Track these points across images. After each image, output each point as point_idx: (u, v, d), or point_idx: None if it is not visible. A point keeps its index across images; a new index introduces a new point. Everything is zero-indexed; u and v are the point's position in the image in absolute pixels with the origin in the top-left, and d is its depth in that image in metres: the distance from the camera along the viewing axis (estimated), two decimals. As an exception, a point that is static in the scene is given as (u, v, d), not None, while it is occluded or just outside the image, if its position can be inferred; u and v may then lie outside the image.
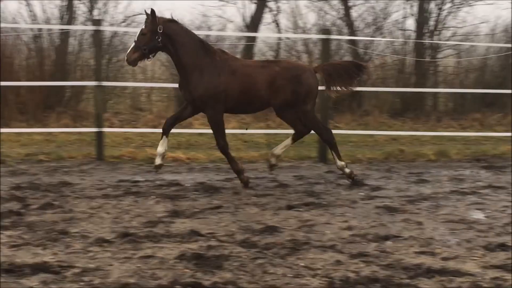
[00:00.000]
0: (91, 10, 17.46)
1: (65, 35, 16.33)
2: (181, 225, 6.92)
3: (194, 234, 6.53)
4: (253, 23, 17.96)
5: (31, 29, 16.18)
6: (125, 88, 17.02)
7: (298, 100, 9.00)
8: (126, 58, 8.93)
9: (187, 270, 5.48)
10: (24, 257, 5.74)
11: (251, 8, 18.18)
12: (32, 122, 14.43)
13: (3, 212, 7.25)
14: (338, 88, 9.35)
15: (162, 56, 17.89)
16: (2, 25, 16.07)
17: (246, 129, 13.33)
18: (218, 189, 8.78)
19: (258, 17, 18.09)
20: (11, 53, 15.81)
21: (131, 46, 8.87)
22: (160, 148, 9.05)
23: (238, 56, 16.74)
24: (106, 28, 15.28)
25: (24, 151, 11.40)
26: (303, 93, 9.02)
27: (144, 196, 8.32)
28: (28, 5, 16.98)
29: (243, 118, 15.82)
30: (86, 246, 6.12)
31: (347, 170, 9.38)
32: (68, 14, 17.17)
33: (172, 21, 8.98)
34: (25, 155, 11.16)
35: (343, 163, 9.37)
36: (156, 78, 17.61)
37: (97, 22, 11.53)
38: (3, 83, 13.68)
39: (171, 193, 8.50)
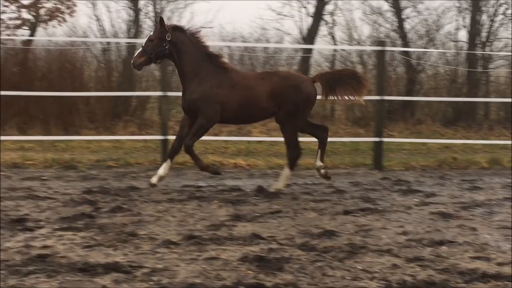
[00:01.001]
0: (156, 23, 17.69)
1: (131, 48, 16.56)
2: (243, 228, 6.95)
3: (255, 237, 6.55)
4: (310, 36, 17.97)
5: (100, 43, 16.47)
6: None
7: (298, 109, 8.86)
8: (132, 62, 8.95)
9: (250, 272, 5.50)
10: (97, 257, 5.84)
11: (308, 21, 18.21)
12: (101, 130, 14.67)
13: (76, 214, 7.39)
14: (335, 98, 9.13)
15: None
16: (74, 38, 16.46)
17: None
18: (277, 195, 8.78)
19: (315, 29, 18.09)
20: (82, 65, 16.13)
21: (138, 51, 8.91)
22: (162, 171, 8.96)
23: (295, 67, 16.79)
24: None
25: (94, 157, 11.60)
26: (303, 102, 8.88)
27: (207, 200, 8.37)
28: (98, 20, 17.35)
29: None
30: (154, 247, 6.19)
31: (322, 171, 9.26)
32: (135, 28, 17.44)
33: (180, 30, 8.96)
34: (95, 161, 11.34)
35: (322, 164, 9.25)
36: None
37: (164, 36, 11.64)
38: (77, 93, 13.99)
39: (233, 198, 8.54)
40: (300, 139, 9.15)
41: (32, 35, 17.92)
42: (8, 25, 17.96)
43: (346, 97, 9.07)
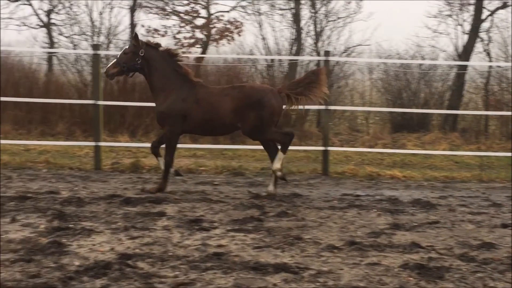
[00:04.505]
0: (316, 42, 17.86)
1: (293, 64, 16.81)
2: (402, 237, 6.87)
3: (415, 246, 6.45)
4: (465, 52, 17.42)
5: (265, 60, 16.83)
6: (344, 111, 17.19)
7: (263, 122, 8.75)
8: (105, 71, 9.14)
9: (411, 278, 5.44)
10: (267, 257, 5.98)
11: (464, 38, 17.68)
12: (264, 140, 14.93)
13: (246, 217, 7.59)
14: (303, 105, 9.07)
15: (379, 83, 17.91)
16: (241, 56, 16.94)
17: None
18: (434, 206, 8.58)
19: (470, 46, 17.53)
20: (248, 80, 16.52)
21: (113, 62, 9.07)
22: (162, 166, 9.18)
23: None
24: (333, 58, 15.45)
25: (259, 165, 11.82)
26: (268, 114, 8.75)
27: (366, 209, 8.33)
28: (263, 38, 17.76)
29: (454, 140, 15.39)
30: (319, 251, 6.26)
31: (279, 174, 8.97)
32: (297, 46, 17.69)
33: (153, 47, 9.13)
34: (260, 168, 11.56)
35: (279, 167, 8.95)
36: (373, 103, 17.62)
37: (328, 53, 11.73)
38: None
39: (391, 207, 8.45)
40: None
41: (204, 52, 18.61)
42: (183, 44, 18.78)
43: (316, 99, 9.07)
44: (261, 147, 13.34)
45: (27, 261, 5.66)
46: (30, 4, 18.81)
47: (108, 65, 9.21)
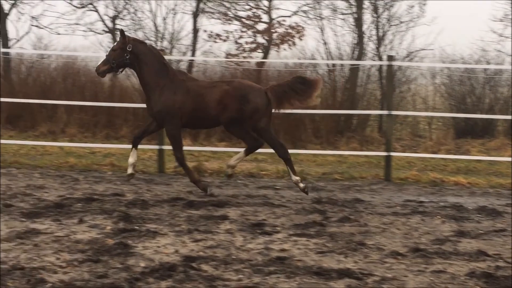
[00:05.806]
0: (378, 46, 17.69)
1: (355, 69, 16.70)
2: (467, 244, 6.75)
3: (481, 254, 6.34)
4: (532, 57, 17.00)
5: (327, 64, 16.77)
6: (406, 116, 16.95)
7: (243, 117, 8.83)
8: (95, 69, 9.22)
9: (478, 287, 5.34)
10: (330, 262, 5.96)
11: (532, 42, 17.26)
12: (325, 145, 14.89)
13: (308, 222, 7.58)
14: (289, 107, 9.21)
15: (442, 88, 17.62)
16: (303, 60, 16.94)
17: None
18: (501, 213, 8.40)
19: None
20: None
21: (102, 59, 9.10)
22: (131, 159, 9.28)
23: None
24: (396, 63, 15.24)
25: (320, 170, 11.78)
26: (249, 111, 8.82)
27: (430, 215, 8.21)
28: (325, 43, 17.68)
29: None
30: (382, 257, 6.20)
31: (301, 185, 9.10)
32: (358, 50, 17.56)
33: (141, 42, 9.33)
34: (322, 173, 11.51)
35: (297, 178, 9.19)
36: (436, 108, 17.35)
37: (391, 58, 11.62)
38: (303, 111, 14.32)
39: (455, 214, 8.30)
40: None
41: (265, 57, 18.67)
42: (244, 49, 18.89)
43: (298, 104, 9.10)
44: (322, 152, 13.41)
45: (94, 261, 5.78)
46: (96, 10, 19.20)
47: (98, 63, 9.33)
